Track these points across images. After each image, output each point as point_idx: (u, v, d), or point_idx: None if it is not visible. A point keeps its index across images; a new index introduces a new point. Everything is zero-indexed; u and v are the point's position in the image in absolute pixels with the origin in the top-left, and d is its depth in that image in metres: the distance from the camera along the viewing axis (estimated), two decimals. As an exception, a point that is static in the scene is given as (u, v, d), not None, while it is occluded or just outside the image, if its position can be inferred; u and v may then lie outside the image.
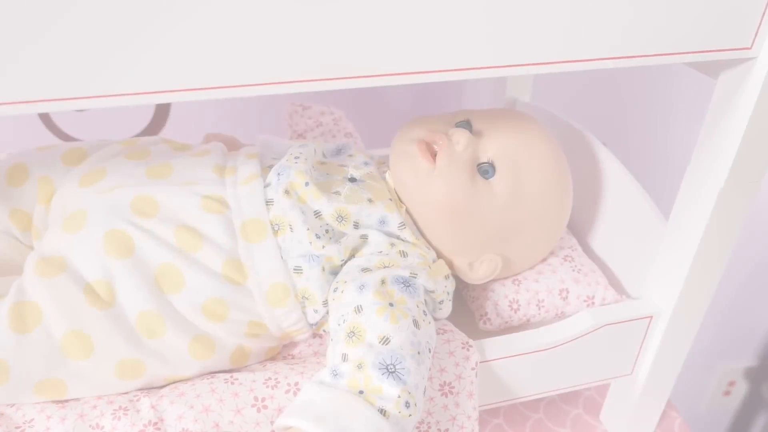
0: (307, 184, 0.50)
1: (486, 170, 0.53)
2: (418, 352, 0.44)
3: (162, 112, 0.86)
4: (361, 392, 0.42)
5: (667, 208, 0.57)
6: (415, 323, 0.45)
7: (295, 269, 0.49)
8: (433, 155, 0.52)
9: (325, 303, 0.50)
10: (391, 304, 0.45)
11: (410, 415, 0.42)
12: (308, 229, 0.49)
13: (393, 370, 0.43)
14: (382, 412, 0.41)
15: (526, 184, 0.53)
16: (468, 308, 0.61)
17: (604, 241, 0.64)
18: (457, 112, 0.57)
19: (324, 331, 0.54)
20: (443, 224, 0.52)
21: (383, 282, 0.47)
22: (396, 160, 0.53)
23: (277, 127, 0.82)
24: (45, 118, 0.83)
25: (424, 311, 0.47)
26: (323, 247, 0.48)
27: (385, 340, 0.44)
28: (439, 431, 0.49)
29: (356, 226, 0.51)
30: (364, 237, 0.51)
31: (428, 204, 0.52)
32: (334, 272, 0.50)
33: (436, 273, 0.51)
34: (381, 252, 0.50)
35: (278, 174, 0.51)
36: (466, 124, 0.55)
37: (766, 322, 1.38)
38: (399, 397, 0.42)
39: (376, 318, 0.44)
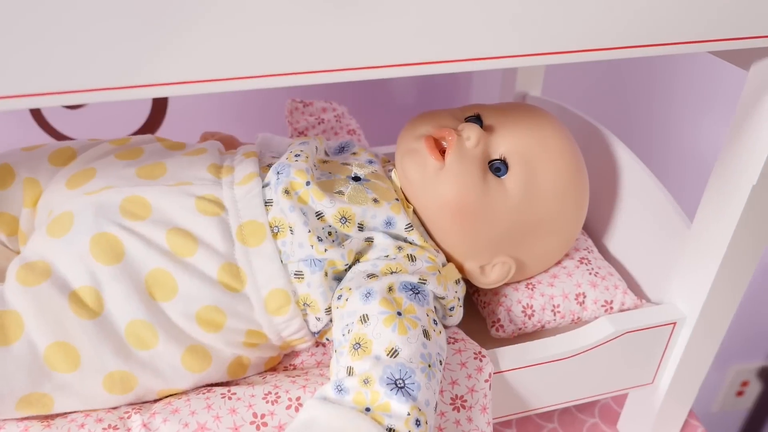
0: (308, 183, 0.47)
1: (498, 168, 0.49)
2: (429, 365, 0.41)
3: (159, 110, 0.83)
4: (367, 409, 0.39)
5: (688, 205, 0.54)
6: (425, 333, 0.42)
7: (295, 274, 0.46)
8: (442, 152, 0.49)
9: (328, 311, 0.47)
10: (399, 313, 0.42)
11: (420, 433, 0.39)
12: (309, 232, 0.45)
13: (402, 385, 0.40)
14: (390, 431, 0.38)
15: (540, 182, 0.50)
16: (479, 313, 0.58)
17: (622, 242, 0.61)
18: (466, 106, 0.53)
19: (327, 339, 0.51)
20: (453, 226, 0.49)
21: (390, 289, 0.44)
22: (402, 158, 0.50)
23: (278, 125, 0.79)
24: (37, 116, 0.80)
25: (434, 320, 0.44)
26: (325, 250, 0.45)
27: (394, 353, 0.41)
28: (450, 447, 0.46)
29: (361, 228, 0.48)
30: (370, 240, 0.48)
31: (437, 204, 0.49)
32: (338, 278, 0.47)
33: (447, 278, 0.48)
34: (387, 256, 0.47)
35: (277, 173, 0.48)
36: (477, 119, 0.52)
37: (780, 322, 1.35)
38: (408, 414, 0.38)
39: (384, 328, 0.41)
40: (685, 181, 0.89)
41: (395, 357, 0.40)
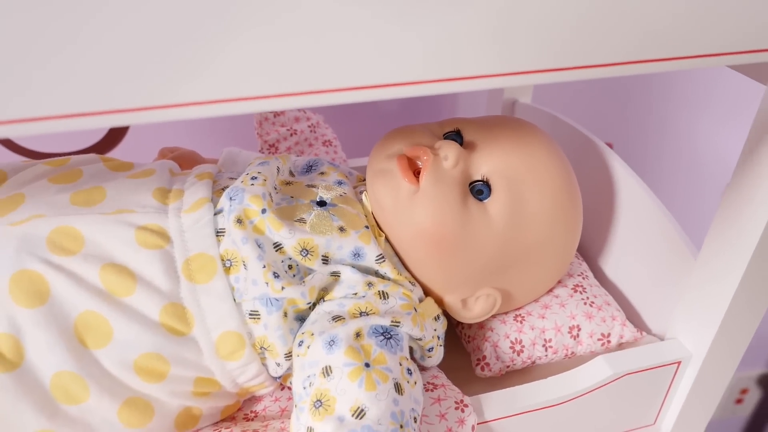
0: (264, 211, 0.41)
1: (480, 190, 0.44)
2: (401, 426, 0.36)
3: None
4: (326, 482, 0.33)
5: (679, 210, 0.48)
6: (397, 387, 0.37)
7: (250, 314, 0.40)
8: (417, 173, 0.43)
9: (289, 356, 0.41)
10: (367, 365, 0.37)
11: (389, 507, 0.33)
12: (264, 267, 0.40)
13: None
14: (352, 508, 0.32)
15: (528, 205, 0.45)
16: (462, 346, 0.52)
17: (619, 267, 0.56)
18: (445, 120, 0.48)
19: (291, 383, 0.45)
20: (430, 256, 0.44)
21: (358, 335, 0.38)
22: (373, 180, 0.44)
23: (252, 138, 0.73)
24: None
25: (408, 369, 0.39)
26: (282, 288, 0.40)
27: (360, 413, 0.35)
28: None
29: (325, 260, 0.42)
30: (336, 274, 0.42)
31: (411, 233, 0.43)
32: (301, 317, 0.42)
33: (424, 315, 0.43)
34: (356, 294, 0.41)
35: (230, 198, 0.42)
36: (456, 135, 0.46)
37: (780, 330, 1.31)
38: None
39: (349, 383, 0.36)
40: (682, 189, 0.83)
41: (361, 418, 0.35)
